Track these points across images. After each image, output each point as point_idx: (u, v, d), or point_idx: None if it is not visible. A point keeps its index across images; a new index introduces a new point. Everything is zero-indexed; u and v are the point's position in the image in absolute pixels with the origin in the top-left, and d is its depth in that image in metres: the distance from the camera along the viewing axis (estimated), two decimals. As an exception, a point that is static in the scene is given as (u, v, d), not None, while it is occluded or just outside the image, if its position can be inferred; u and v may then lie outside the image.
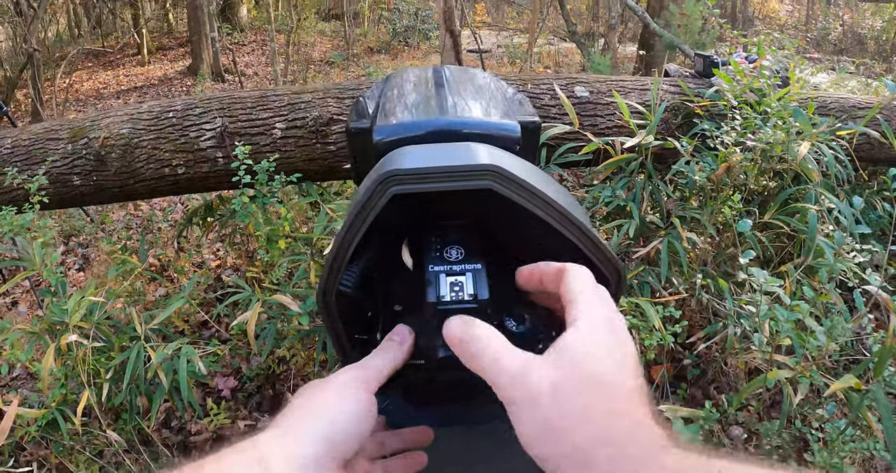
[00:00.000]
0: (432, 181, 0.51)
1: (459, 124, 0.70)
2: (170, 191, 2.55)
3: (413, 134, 0.69)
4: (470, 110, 0.74)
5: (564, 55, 9.62)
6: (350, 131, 0.78)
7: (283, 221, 2.17)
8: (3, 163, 2.50)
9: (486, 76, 0.93)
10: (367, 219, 0.52)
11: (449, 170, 0.51)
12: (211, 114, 2.39)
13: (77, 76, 10.38)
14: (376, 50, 11.55)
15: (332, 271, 0.56)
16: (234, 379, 2.63)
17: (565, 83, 2.50)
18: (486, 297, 0.52)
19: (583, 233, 0.54)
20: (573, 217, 0.53)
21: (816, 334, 1.46)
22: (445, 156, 0.54)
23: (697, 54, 2.81)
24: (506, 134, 0.70)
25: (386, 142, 0.69)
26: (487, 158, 0.52)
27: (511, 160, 0.55)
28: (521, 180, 0.51)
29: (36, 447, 2.10)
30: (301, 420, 0.44)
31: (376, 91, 0.89)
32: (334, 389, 0.47)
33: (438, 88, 0.83)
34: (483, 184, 0.51)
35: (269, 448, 0.40)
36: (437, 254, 0.56)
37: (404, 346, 0.54)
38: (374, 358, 0.52)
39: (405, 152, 0.57)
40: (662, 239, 2.08)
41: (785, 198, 2.26)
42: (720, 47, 6.35)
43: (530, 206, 0.52)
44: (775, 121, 2.23)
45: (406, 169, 0.51)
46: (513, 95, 0.87)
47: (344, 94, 2.40)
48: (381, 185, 0.51)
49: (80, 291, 2.04)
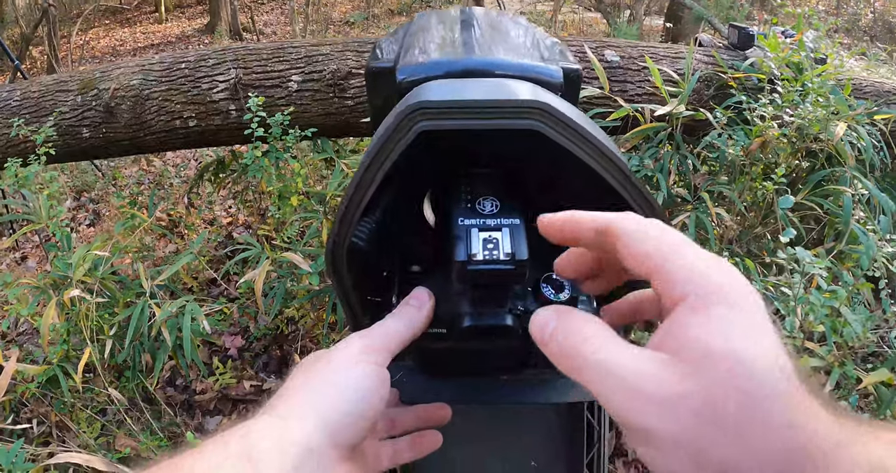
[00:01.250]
0: (469, 117, 0.43)
1: (494, 65, 0.62)
2: (181, 144, 2.49)
3: (440, 73, 0.61)
4: (508, 51, 0.67)
5: (589, 24, 9.41)
6: (370, 71, 0.70)
7: (297, 177, 2.10)
8: (13, 115, 2.45)
9: (522, 21, 0.85)
10: (388, 158, 0.44)
11: (489, 105, 0.43)
12: (225, 65, 2.30)
13: (93, 33, 10.29)
14: (397, 11, 11.36)
15: (344, 220, 0.48)
16: (241, 338, 2.59)
17: (595, 46, 2.39)
18: (526, 258, 0.44)
19: (629, 182, 0.46)
20: (621, 163, 0.45)
21: (852, 323, 1.37)
22: (484, 90, 0.46)
23: (732, 25, 2.70)
24: (547, 79, 0.62)
25: (410, 81, 0.60)
26: (532, 95, 0.44)
27: (557, 99, 0.47)
28: (569, 120, 0.43)
29: (36, 403, 2.07)
30: (299, 404, 0.37)
31: (400, 33, 0.81)
32: (339, 364, 0.40)
33: (469, 29, 0.75)
34: (527, 124, 0.43)
35: (259, 441, 0.34)
36: (468, 206, 0.48)
37: (423, 311, 0.46)
38: (386, 324, 0.44)
39: (435, 85, 0.48)
40: (690, 214, 1.99)
41: (818, 179, 2.16)
42: (748, 24, 6.18)
43: (577, 150, 0.44)
44: (814, 97, 2.12)
45: (438, 101, 0.43)
46: (552, 43, 0.79)
47: (364, 48, 2.31)
48: (408, 119, 0.43)
49: (86, 245, 1.99)
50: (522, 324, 0.46)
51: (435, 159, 0.50)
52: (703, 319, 0.28)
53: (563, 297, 0.46)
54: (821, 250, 1.98)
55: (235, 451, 0.33)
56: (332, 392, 0.38)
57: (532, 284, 0.48)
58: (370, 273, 0.54)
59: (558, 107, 0.43)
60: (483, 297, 0.47)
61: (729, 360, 0.27)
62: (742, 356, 0.27)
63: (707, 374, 0.27)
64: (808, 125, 2.07)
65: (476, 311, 0.47)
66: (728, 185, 2.13)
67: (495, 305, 0.47)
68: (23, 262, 3.66)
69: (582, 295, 0.47)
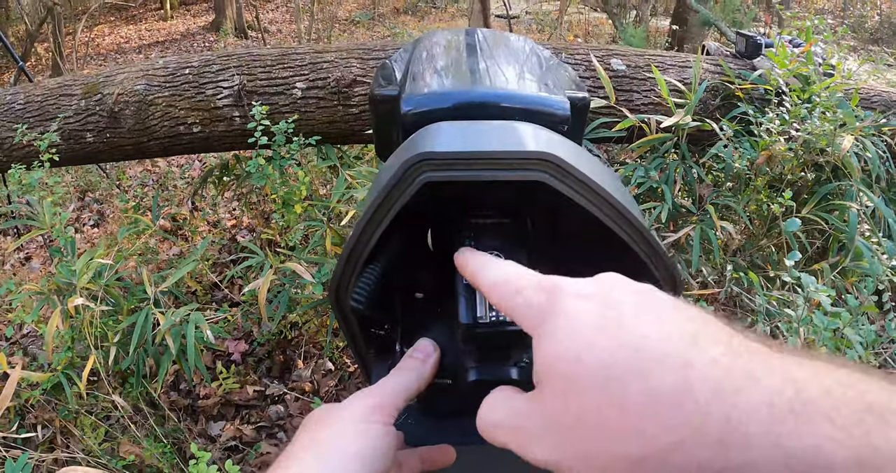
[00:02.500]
0: (474, 168, 0.42)
1: (500, 97, 0.61)
2: (185, 150, 2.48)
3: (446, 105, 0.60)
4: (511, 81, 0.65)
5: (595, 25, 9.39)
6: (375, 98, 0.69)
7: (301, 185, 2.10)
8: (17, 119, 2.45)
9: (527, 42, 0.83)
10: (393, 208, 0.44)
11: (494, 157, 0.42)
12: (229, 71, 2.30)
13: (98, 30, 10.32)
14: (403, 10, 11.34)
15: (347, 266, 0.48)
16: (245, 343, 2.59)
17: (602, 55, 2.38)
18: None
19: (641, 236, 0.45)
20: (632, 217, 0.45)
21: (854, 346, 1.37)
22: (489, 139, 0.45)
23: (739, 33, 2.67)
24: (553, 111, 0.60)
25: (415, 113, 0.60)
26: (540, 144, 0.44)
27: (565, 146, 0.47)
28: (578, 173, 0.42)
29: (41, 410, 2.08)
30: (307, 467, 0.37)
31: (405, 54, 0.79)
32: (348, 428, 0.40)
33: (474, 54, 0.74)
34: (534, 176, 0.42)
35: None
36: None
37: (428, 364, 0.47)
38: (392, 379, 0.45)
39: (440, 130, 0.48)
40: (695, 226, 1.98)
41: (825, 193, 2.15)
42: (753, 28, 6.15)
43: (585, 203, 0.43)
44: (821, 111, 2.11)
45: (443, 152, 0.42)
46: (557, 66, 0.78)
47: (368, 55, 2.30)
48: (413, 170, 0.43)
49: (89, 252, 1.99)
50: (528, 376, 0.46)
51: (438, 200, 0.50)
52: (537, 342, 0.31)
53: None
54: (825, 265, 1.97)
55: None
56: (338, 455, 0.38)
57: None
58: (374, 309, 0.54)
59: (567, 157, 0.43)
60: (490, 353, 0.47)
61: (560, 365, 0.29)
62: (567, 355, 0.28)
63: (555, 385, 0.29)
64: (814, 139, 2.06)
65: (482, 366, 0.47)
66: (733, 197, 2.12)
67: (502, 360, 0.47)
68: (27, 263, 3.67)
69: None
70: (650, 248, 0.46)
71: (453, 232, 0.50)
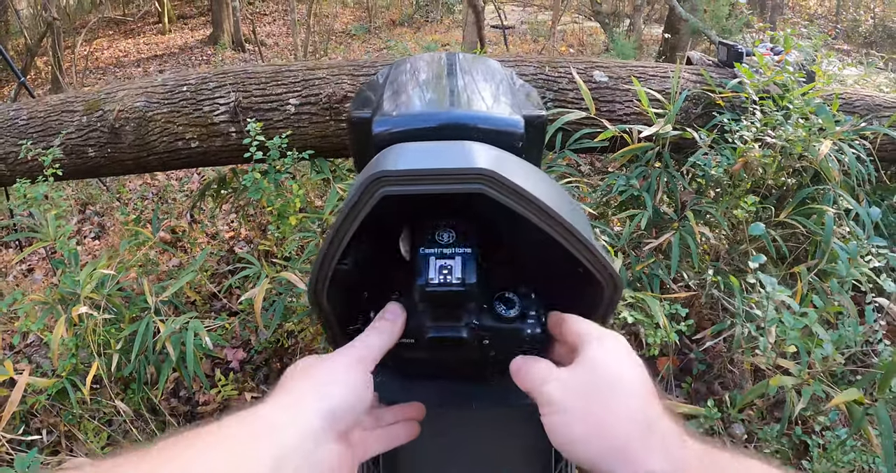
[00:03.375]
0: (423, 183, 0.50)
1: (460, 118, 0.68)
2: (183, 164, 2.56)
3: (412, 127, 0.68)
4: (473, 103, 0.73)
5: (589, 34, 9.48)
6: (351, 120, 0.77)
7: (295, 198, 2.17)
8: (20, 135, 2.52)
9: (494, 65, 0.91)
10: (357, 218, 0.53)
11: (440, 173, 0.50)
12: (225, 88, 2.38)
13: (97, 44, 10.40)
14: (399, 23, 11.44)
15: (322, 269, 0.56)
16: (243, 351, 2.66)
17: (584, 67, 2.46)
18: (474, 281, 0.54)
19: (578, 242, 0.53)
20: (568, 224, 0.52)
21: (823, 344, 1.44)
22: (438, 158, 0.54)
23: (721, 43, 2.74)
24: (509, 129, 0.68)
25: (385, 134, 0.68)
26: (481, 161, 0.51)
27: (508, 162, 0.54)
28: (514, 185, 0.50)
29: (46, 414, 2.14)
30: (307, 396, 0.47)
31: (381, 78, 0.87)
32: (337, 368, 0.50)
33: (442, 78, 0.82)
34: (474, 188, 0.50)
35: (271, 420, 0.43)
36: (429, 237, 0.57)
37: (397, 325, 0.56)
38: (369, 336, 0.55)
39: (398, 151, 0.56)
40: (675, 233, 2.05)
41: (803, 197, 2.22)
42: (747, 33, 6.22)
43: (524, 212, 0.51)
44: (797, 118, 2.18)
45: (396, 170, 0.51)
46: (520, 87, 0.85)
47: (359, 72, 2.38)
48: (372, 186, 0.51)
49: (92, 263, 2.06)
50: (477, 337, 0.58)
51: (405, 205, 0.58)
52: (588, 347, 0.50)
53: (513, 313, 0.57)
54: (802, 268, 2.04)
55: (258, 427, 0.43)
56: (332, 388, 0.48)
57: (487, 301, 0.58)
58: (351, 304, 0.62)
59: (505, 171, 0.50)
60: (443, 314, 0.57)
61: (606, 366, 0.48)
62: (612, 364, 0.48)
63: (593, 372, 0.48)
64: (790, 145, 2.13)
65: (437, 325, 0.57)
66: (713, 204, 2.19)
67: (453, 320, 0.57)
68: (29, 274, 3.74)
69: (531, 311, 0.58)
70: (588, 252, 0.53)
71: (417, 220, 0.59)
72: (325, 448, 0.44)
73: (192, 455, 0.39)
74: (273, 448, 0.41)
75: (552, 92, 2.41)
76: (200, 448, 0.40)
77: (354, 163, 0.83)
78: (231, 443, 0.40)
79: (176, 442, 0.40)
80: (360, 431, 0.55)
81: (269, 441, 0.41)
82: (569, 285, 0.58)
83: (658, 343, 1.69)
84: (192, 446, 0.40)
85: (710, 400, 1.82)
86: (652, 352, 1.83)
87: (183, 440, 0.40)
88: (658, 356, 2.16)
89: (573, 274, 0.55)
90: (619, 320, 1.75)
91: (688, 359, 2.32)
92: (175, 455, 0.39)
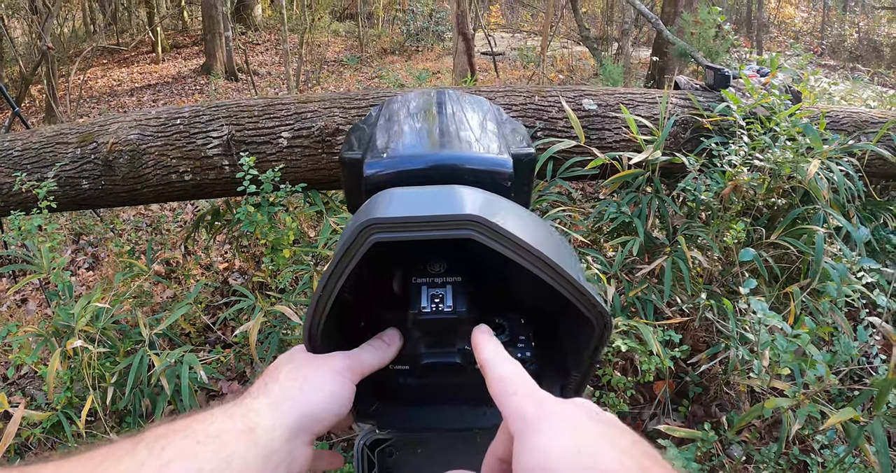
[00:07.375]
0: (413, 230, 0.52)
1: (449, 160, 0.70)
2: (177, 196, 2.57)
3: (402, 169, 0.70)
4: (462, 143, 0.75)
5: (578, 59, 9.61)
6: (343, 160, 0.78)
7: (288, 230, 2.18)
8: (15, 167, 2.52)
9: (482, 102, 0.93)
10: (350, 264, 0.54)
11: (430, 220, 0.52)
12: (218, 121, 2.40)
13: (91, 73, 10.48)
14: (390, 51, 11.57)
15: (316, 312, 0.57)
16: (238, 384, 2.64)
17: (573, 95, 2.49)
18: (464, 309, 0.56)
19: (566, 281, 0.54)
20: (557, 266, 0.53)
21: (817, 365, 1.45)
22: (427, 204, 0.55)
23: (708, 67, 2.79)
24: (497, 169, 0.70)
25: (376, 176, 0.69)
26: (469, 207, 0.53)
27: (496, 206, 0.56)
28: (502, 230, 0.52)
29: (41, 447, 2.13)
30: (293, 394, 0.49)
31: (371, 117, 0.89)
32: (326, 372, 0.52)
33: (431, 118, 0.84)
34: (463, 234, 0.51)
35: (259, 418, 0.45)
36: (421, 267, 0.60)
37: (392, 348, 0.58)
38: (363, 352, 0.56)
39: (388, 197, 0.57)
40: (667, 258, 2.07)
41: (793, 217, 2.25)
42: (734, 53, 6.32)
43: (512, 255, 0.53)
44: (784, 140, 2.22)
45: (387, 218, 0.52)
46: (508, 123, 0.87)
47: (350, 104, 2.41)
48: (364, 232, 0.52)
49: (87, 296, 2.07)
50: (470, 361, 0.58)
51: (399, 245, 0.60)
52: (519, 446, 0.40)
53: (503, 339, 0.58)
54: (795, 288, 2.06)
55: (240, 425, 0.44)
56: (317, 392, 0.50)
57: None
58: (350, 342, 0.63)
59: (493, 216, 0.52)
60: (437, 341, 0.59)
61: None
62: (540, 466, 0.38)
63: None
64: (778, 167, 2.16)
65: (430, 352, 0.59)
66: (704, 228, 2.21)
67: (447, 346, 0.59)
68: (23, 305, 3.72)
69: (520, 336, 0.60)
70: (576, 292, 0.55)
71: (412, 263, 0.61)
72: (301, 450, 0.47)
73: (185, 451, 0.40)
74: (260, 448, 0.43)
75: (542, 121, 2.44)
76: (189, 445, 0.41)
77: (347, 202, 0.84)
78: (219, 444, 0.42)
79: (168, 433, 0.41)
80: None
81: (257, 441, 0.43)
82: (560, 320, 0.59)
83: (652, 369, 1.69)
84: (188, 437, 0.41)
85: (707, 423, 1.82)
86: (647, 378, 1.83)
87: (172, 432, 0.42)
88: (654, 380, 2.16)
89: (564, 310, 0.57)
90: (613, 348, 1.76)
91: (684, 382, 2.32)
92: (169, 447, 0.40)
